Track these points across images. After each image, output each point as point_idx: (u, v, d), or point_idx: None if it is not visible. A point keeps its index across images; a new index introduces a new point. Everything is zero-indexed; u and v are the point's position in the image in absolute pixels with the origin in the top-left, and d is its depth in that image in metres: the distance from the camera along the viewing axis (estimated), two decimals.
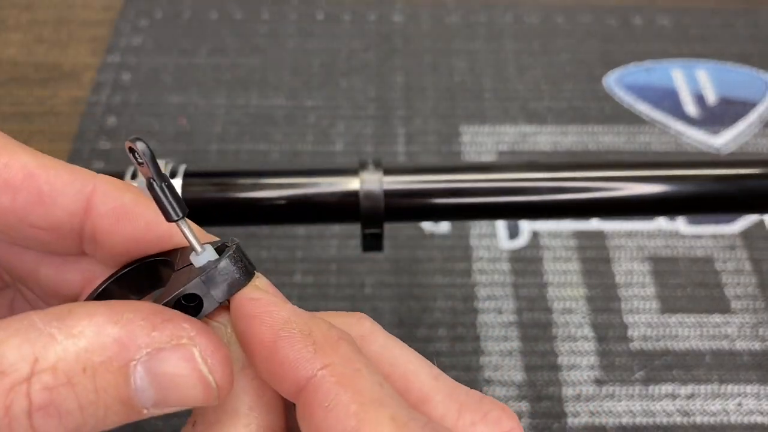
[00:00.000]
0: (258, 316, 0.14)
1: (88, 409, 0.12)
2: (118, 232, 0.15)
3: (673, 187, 0.26)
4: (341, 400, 0.12)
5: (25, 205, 0.15)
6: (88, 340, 0.12)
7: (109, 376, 0.12)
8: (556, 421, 0.40)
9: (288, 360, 0.13)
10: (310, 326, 0.14)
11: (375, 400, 0.12)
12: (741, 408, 0.40)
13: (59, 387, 0.11)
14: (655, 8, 0.63)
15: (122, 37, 0.59)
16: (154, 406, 0.13)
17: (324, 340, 0.13)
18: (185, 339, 0.13)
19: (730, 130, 0.54)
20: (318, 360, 0.13)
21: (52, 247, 0.16)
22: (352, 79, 0.57)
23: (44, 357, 0.11)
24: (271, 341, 0.13)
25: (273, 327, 0.13)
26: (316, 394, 0.12)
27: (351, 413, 0.12)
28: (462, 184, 0.26)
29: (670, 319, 0.44)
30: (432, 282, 0.45)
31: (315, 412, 0.12)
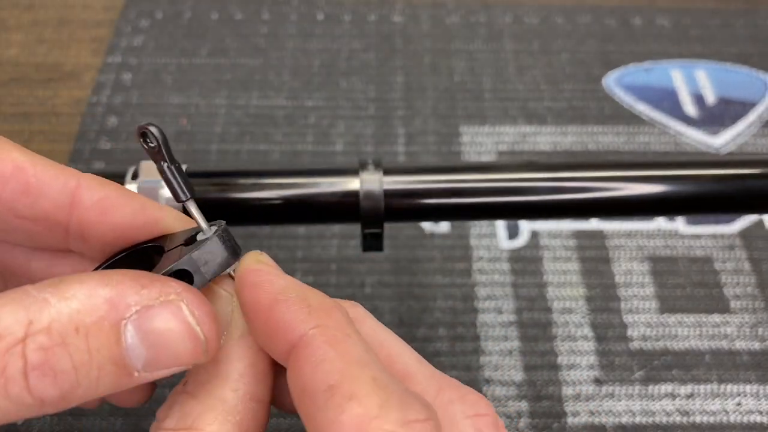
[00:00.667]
0: (259, 283, 0.14)
1: (81, 369, 0.12)
2: (105, 222, 0.16)
3: (673, 187, 0.27)
4: (328, 356, 0.13)
5: (13, 195, 0.15)
6: (80, 302, 0.12)
7: (102, 336, 0.12)
8: (556, 420, 0.40)
9: (283, 320, 0.14)
10: (306, 293, 0.15)
11: (360, 361, 0.13)
12: (740, 407, 0.40)
13: (54, 347, 0.12)
14: (655, 8, 0.63)
15: (123, 38, 0.59)
16: (145, 368, 0.13)
17: (318, 305, 0.14)
18: (173, 295, 0.13)
19: (730, 131, 0.54)
20: (311, 320, 0.14)
21: (39, 240, 0.16)
22: (352, 80, 0.57)
23: (38, 319, 0.12)
24: (269, 304, 0.14)
25: (271, 292, 0.14)
26: (305, 350, 0.13)
27: (336, 369, 0.13)
28: (462, 184, 0.26)
29: (669, 319, 0.44)
30: (432, 282, 0.45)
31: (303, 366, 0.13)
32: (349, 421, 0.12)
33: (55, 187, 0.15)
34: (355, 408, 0.12)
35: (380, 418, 0.12)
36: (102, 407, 0.39)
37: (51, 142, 0.53)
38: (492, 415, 0.15)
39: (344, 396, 0.12)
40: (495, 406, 0.40)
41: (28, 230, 0.16)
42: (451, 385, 0.16)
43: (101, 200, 0.16)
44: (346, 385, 0.13)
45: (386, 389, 0.13)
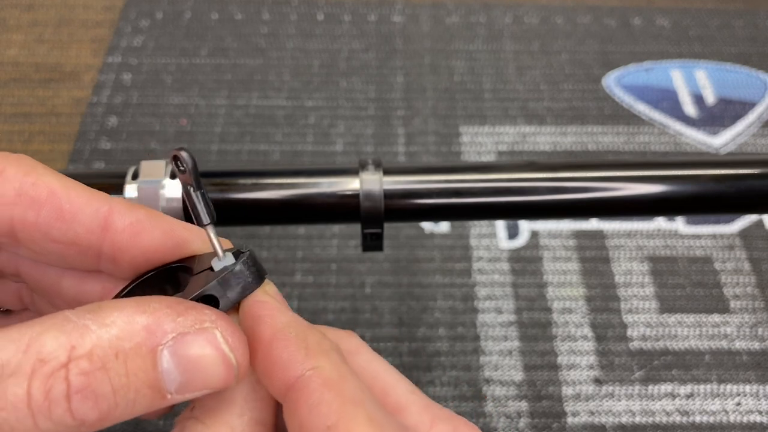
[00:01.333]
0: (262, 317, 0.15)
1: (120, 392, 0.13)
2: (136, 245, 0.16)
3: (672, 187, 0.27)
4: (325, 398, 0.13)
5: (48, 220, 0.16)
6: (119, 328, 0.13)
7: (139, 361, 0.13)
8: (556, 420, 0.40)
9: (281, 359, 0.14)
10: (306, 333, 0.15)
11: (355, 402, 0.13)
12: (740, 407, 0.40)
13: (95, 371, 0.12)
14: (655, 9, 0.64)
15: (123, 38, 0.59)
16: (177, 390, 0.14)
17: (316, 346, 0.14)
18: (207, 323, 0.14)
19: (729, 130, 0.54)
20: (308, 362, 0.14)
21: (71, 262, 0.17)
22: (352, 80, 0.57)
23: (80, 345, 0.12)
24: (269, 340, 0.14)
25: (273, 328, 0.15)
26: (302, 391, 0.14)
27: (332, 410, 0.13)
28: (462, 184, 0.26)
29: (669, 319, 0.44)
30: (432, 282, 0.45)
31: (300, 408, 0.14)
32: None
33: (87, 212, 0.16)
34: None
35: None
36: None
37: (51, 142, 0.53)
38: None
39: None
40: (495, 406, 0.40)
41: (61, 253, 0.17)
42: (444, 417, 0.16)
43: (132, 224, 0.16)
44: (343, 425, 0.13)
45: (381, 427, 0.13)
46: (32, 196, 0.16)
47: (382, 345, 0.42)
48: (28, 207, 0.16)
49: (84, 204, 0.16)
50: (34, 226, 0.16)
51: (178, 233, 0.17)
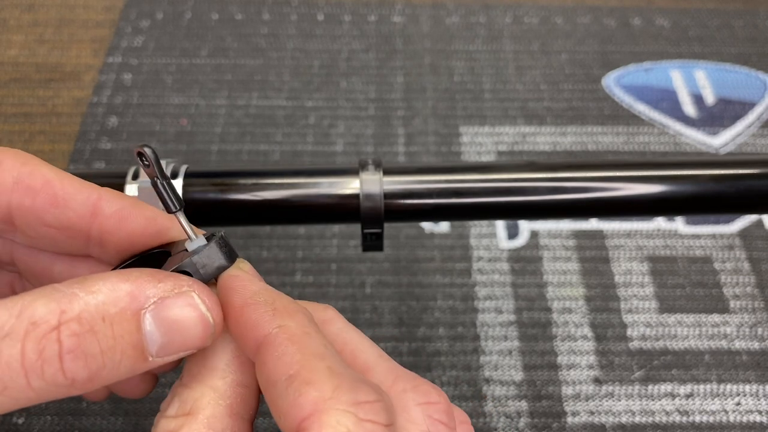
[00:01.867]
0: (235, 287, 0.16)
1: (107, 353, 0.14)
2: (122, 229, 0.18)
3: (672, 187, 0.27)
4: (288, 350, 0.15)
5: (42, 206, 0.17)
6: (105, 295, 0.14)
7: (125, 324, 0.14)
8: (556, 420, 0.40)
9: (251, 320, 0.15)
10: (274, 298, 0.16)
11: (317, 354, 0.15)
12: (739, 407, 0.40)
13: (84, 333, 0.14)
14: (654, 9, 0.64)
15: (123, 38, 0.60)
16: (158, 352, 0.15)
17: (283, 308, 0.16)
18: (186, 287, 0.15)
19: (729, 131, 0.54)
20: (275, 321, 0.15)
21: (62, 246, 0.18)
22: (352, 80, 0.57)
23: (70, 309, 0.14)
24: (241, 306, 0.16)
25: (244, 296, 0.16)
26: (269, 347, 0.15)
27: (295, 361, 0.14)
28: (461, 184, 0.26)
29: (669, 319, 0.44)
30: (432, 281, 0.45)
31: (267, 361, 0.15)
32: (306, 402, 0.14)
33: (79, 199, 0.18)
34: (312, 392, 0.14)
35: (333, 399, 0.14)
36: (102, 407, 0.39)
37: (52, 142, 0.53)
38: (443, 403, 0.16)
39: (302, 382, 0.14)
40: (495, 405, 0.40)
41: (54, 237, 0.18)
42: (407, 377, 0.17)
43: (119, 210, 0.18)
44: (304, 373, 0.14)
45: (340, 377, 0.14)
46: (28, 184, 0.17)
47: (382, 345, 0.42)
48: (25, 194, 0.17)
49: (76, 191, 0.18)
50: (30, 211, 0.17)
51: (160, 221, 0.18)
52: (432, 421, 0.16)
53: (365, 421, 0.14)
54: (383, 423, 0.14)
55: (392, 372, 0.17)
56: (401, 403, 0.16)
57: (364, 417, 0.14)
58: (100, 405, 0.39)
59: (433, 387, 0.17)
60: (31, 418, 0.39)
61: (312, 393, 0.14)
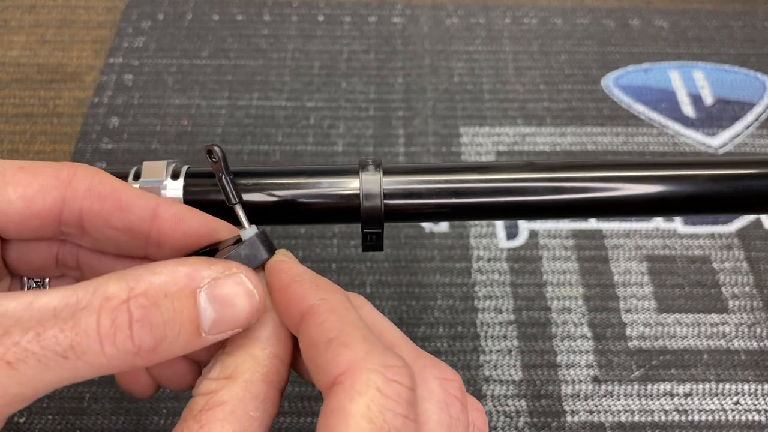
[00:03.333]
0: (281, 269, 0.19)
1: (169, 324, 0.16)
2: (178, 230, 0.20)
3: (671, 187, 0.27)
4: (330, 318, 0.17)
5: (110, 209, 0.20)
6: (166, 276, 0.16)
7: (183, 299, 0.16)
8: (555, 419, 0.40)
9: (297, 294, 0.18)
10: (316, 278, 0.19)
11: (354, 324, 0.17)
12: (738, 406, 0.41)
13: (149, 306, 0.15)
14: (653, 10, 0.64)
15: (125, 39, 0.60)
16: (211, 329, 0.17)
17: (324, 285, 0.18)
18: (234, 269, 0.17)
19: (728, 131, 0.55)
20: (318, 294, 0.18)
21: (124, 248, 0.21)
22: (352, 81, 0.57)
23: (138, 286, 0.16)
24: (288, 284, 0.18)
25: (290, 275, 0.19)
26: (314, 315, 0.17)
27: (335, 326, 0.17)
28: (461, 184, 0.26)
29: (667, 318, 0.44)
30: (431, 281, 0.45)
31: (311, 327, 0.17)
32: (343, 361, 0.16)
33: (140, 204, 0.20)
34: (348, 352, 0.16)
35: (366, 359, 0.16)
36: (104, 406, 0.39)
37: (53, 143, 0.53)
38: (458, 380, 0.19)
39: (340, 344, 0.16)
40: (494, 405, 0.40)
41: (117, 239, 0.20)
42: (428, 356, 0.19)
43: (175, 214, 0.20)
44: (342, 337, 0.16)
45: (373, 343, 0.16)
46: (98, 191, 0.20)
47: None
48: (95, 200, 0.20)
49: (138, 198, 0.20)
50: (98, 214, 0.20)
51: (211, 223, 0.21)
52: (448, 394, 0.18)
53: (392, 381, 0.16)
54: (407, 386, 0.16)
55: (415, 351, 0.19)
56: (422, 375, 0.18)
57: (392, 377, 0.16)
58: (101, 404, 0.39)
59: (449, 368, 0.19)
60: (33, 418, 0.39)
61: (348, 353, 0.16)
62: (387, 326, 0.20)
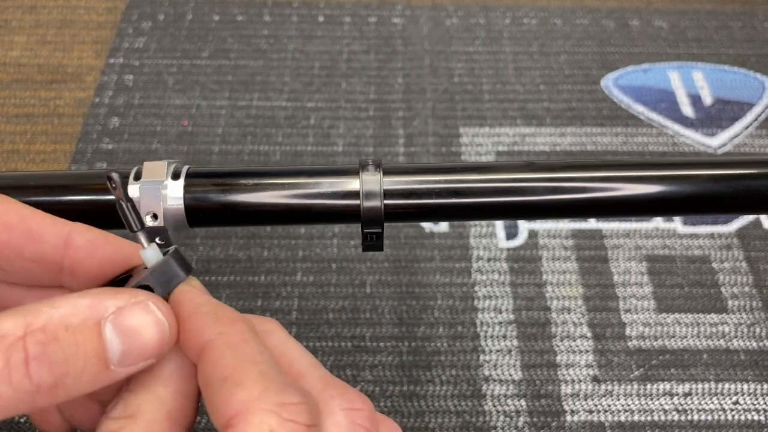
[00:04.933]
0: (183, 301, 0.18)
1: (70, 359, 0.15)
2: (92, 257, 0.19)
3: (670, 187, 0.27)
4: (224, 355, 0.16)
5: (19, 240, 0.19)
6: (66, 309, 0.15)
7: (86, 332, 0.15)
8: (555, 418, 0.40)
9: (195, 328, 0.17)
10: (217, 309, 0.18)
11: (251, 360, 0.16)
12: (737, 406, 0.41)
13: (48, 342, 0.15)
14: (652, 10, 0.64)
15: (125, 39, 0.60)
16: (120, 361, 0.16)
17: (225, 317, 0.17)
18: (141, 297, 0.17)
19: (727, 131, 0.55)
20: (216, 328, 0.17)
21: (36, 277, 0.20)
22: (352, 81, 0.57)
23: (35, 322, 0.15)
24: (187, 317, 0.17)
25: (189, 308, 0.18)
26: (209, 352, 0.16)
27: (230, 364, 0.16)
28: (461, 184, 0.26)
29: (667, 318, 0.44)
30: (431, 281, 0.46)
31: (205, 365, 0.16)
32: (235, 401, 0.15)
33: (52, 232, 0.19)
34: (241, 393, 0.15)
35: (260, 399, 0.15)
36: None
37: (54, 143, 0.53)
38: (366, 409, 0.18)
39: (233, 384, 0.15)
40: (494, 404, 0.41)
41: (29, 269, 0.20)
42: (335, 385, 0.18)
43: (89, 241, 0.19)
44: (236, 375, 0.16)
45: (270, 380, 0.16)
46: (5, 221, 0.19)
47: (381, 344, 0.42)
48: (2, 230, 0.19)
49: (49, 226, 0.19)
50: (6, 245, 0.19)
51: (127, 249, 0.20)
52: (354, 425, 0.17)
53: (288, 420, 0.15)
54: (305, 423, 0.15)
55: (322, 380, 0.18)
56: (328, 408, 0.17)
57: (288, 417, 0.15)
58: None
59: (358, 395, 0.18)
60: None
61: (241, 393, 0.15)
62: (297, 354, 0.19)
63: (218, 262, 0.46)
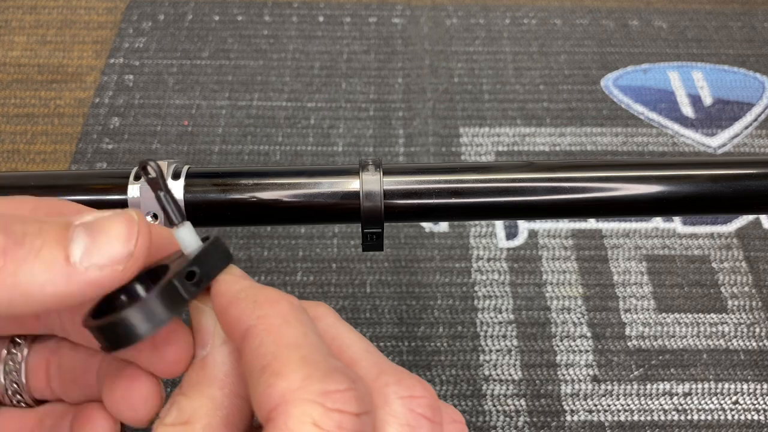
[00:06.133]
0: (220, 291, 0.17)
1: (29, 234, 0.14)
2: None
3: (670, 187, 0.27)
4: (264, 341, 0.15)
5: None
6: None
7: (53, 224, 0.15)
8: (554, 418, 0.40)
9: (234, 317, 0.16)
10: (256, 292, 0.16)
11: (292, 344, 0.15)
12: (737, 405, 0.41)
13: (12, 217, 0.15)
14: (652, 10, 0.64)
15: (125, 40, 0.60)
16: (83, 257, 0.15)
17: (265, 300, 0.16)
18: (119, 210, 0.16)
19: (726, 131, 0.55)
20: (254, 313, 0.16)
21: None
22: (352, 81, 0.58)
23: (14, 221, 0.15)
24: (226, 306, 0.16)
25: (228, 297, 0.17)
26: (249, 339, 0.15)
27: (269, 351, 0.15)
28: (461, 184, 0.26)
29: (667, 318, 0.44)
30: (431, 281, 0.46)
31: (246, 354, 0.15)
32: (275, 393, 0.14)
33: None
34: (280, 382, 0.14)
35: (301, 389, 0.14)
36: None
37: (54, 143, 0.53)
38: (428, 397, 0.16)
39: (272, 373, 0.14)
40: (494, 404, 0.41)
41: None
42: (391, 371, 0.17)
43: None
44: (275, 364, 0.14)
45: (313, 366, 0.14)
46: None
47: (382, 344, 0.43)
48: None
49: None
50: None
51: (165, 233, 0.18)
52: (414, 414, 0.16)
53: (333, 410, 0.14)
54: (353, 412, 0.14)
55: (377, 366, 0.17)
56: (382, 396, 0.16)
57: (332, 406, 0.14)
58: None
59: (418, 381, 0.16)
60: None
61: (281, 383, 0.14)
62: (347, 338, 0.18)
63: None
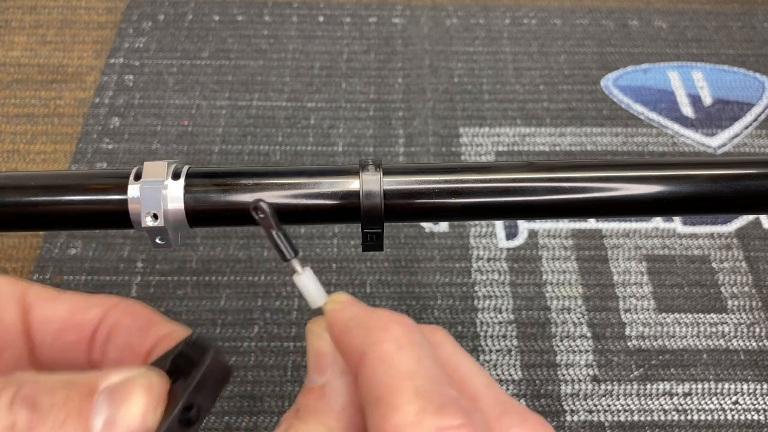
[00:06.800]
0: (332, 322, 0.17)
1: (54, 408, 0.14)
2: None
3: (670, 187, 0.27)
4: (377, 371, 0.15)
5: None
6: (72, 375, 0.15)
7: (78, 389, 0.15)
8: (555, 418, 0.40)
9: (348, 345, 0.16)
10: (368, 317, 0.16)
11: (405, 374, 0.15)
12: (737, 405, 0.41)
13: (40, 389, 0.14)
14: (652, 10, 0.64)
15: (125, 40, 0.60)
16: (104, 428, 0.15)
17: (376, 324, 0.16)
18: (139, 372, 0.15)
19: (726, 131, 0.55)
20: (367, 340, 0.15)
21: None
22: (352, 81, 0.58)
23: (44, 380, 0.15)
24: (339, 335, 0.16)
25: (339, 327, 0.16)
26: (363, 368, 0.15)
27: (383, 382, 0.15)
28: (461, 184, 0.26)
29: (667, 318, 0.44)
30: (431, 281, 0.46)
31: (361, 381, 0.15)
32: (389, 427, 0.14)
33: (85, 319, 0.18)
34: (395, 416, 0.14)
35: (416, 424, 0.14)
36: None
37: (54, 143, 0.53)
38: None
39: (387, 406, 0.14)
40: None
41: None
42: (515, 410, 0.16)
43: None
44: (390, 396, 0.14)
45: (427, 398, 0.14)
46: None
47: None
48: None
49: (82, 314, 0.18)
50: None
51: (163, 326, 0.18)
52: None
53: None
54: None
55: (500, 404, 0.16)
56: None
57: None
58: None
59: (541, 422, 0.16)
60: None
61: (395, 417, 0.14)
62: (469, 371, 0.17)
63: (218, 262, 0.46)
